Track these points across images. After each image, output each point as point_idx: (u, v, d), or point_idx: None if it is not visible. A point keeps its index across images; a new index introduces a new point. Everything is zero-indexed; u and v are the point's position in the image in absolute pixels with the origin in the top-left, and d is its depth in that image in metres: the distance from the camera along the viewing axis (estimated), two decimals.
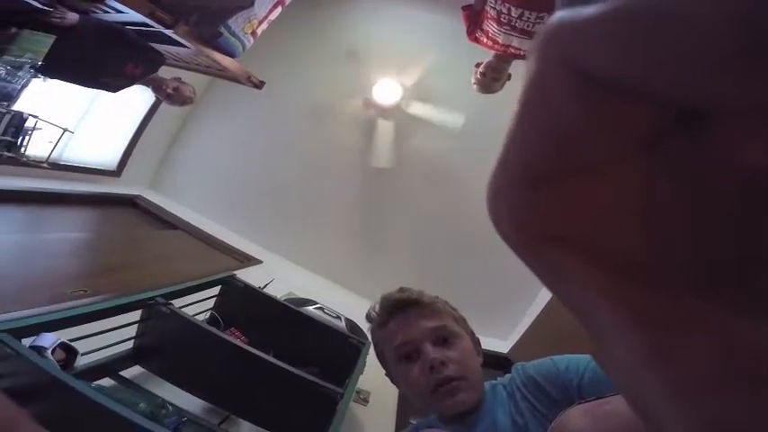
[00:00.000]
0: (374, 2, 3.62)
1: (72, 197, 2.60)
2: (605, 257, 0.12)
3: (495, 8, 1.69)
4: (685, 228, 0.11)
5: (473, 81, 2.06)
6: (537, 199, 0.12)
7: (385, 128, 3.59)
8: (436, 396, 0.74)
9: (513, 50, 1.82)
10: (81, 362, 1.10)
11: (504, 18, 1.69)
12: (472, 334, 0.86)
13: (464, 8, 1.93)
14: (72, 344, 1.09)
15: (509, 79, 2.03)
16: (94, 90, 2.23)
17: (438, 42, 3.38)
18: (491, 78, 1.98)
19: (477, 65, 2.02)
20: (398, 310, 0.81)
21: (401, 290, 0.85)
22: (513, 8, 1.64)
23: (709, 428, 0.10)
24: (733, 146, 0.10)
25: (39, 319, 1.06)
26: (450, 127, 3.43)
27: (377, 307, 0.85)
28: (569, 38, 0.10)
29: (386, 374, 0.87)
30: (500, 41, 1.81)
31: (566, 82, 0.10)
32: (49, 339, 1.01)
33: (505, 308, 3.13)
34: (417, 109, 3.55)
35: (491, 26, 1.79)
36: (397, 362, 0.79)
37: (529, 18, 1.64)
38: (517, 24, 1.68)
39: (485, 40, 1.90)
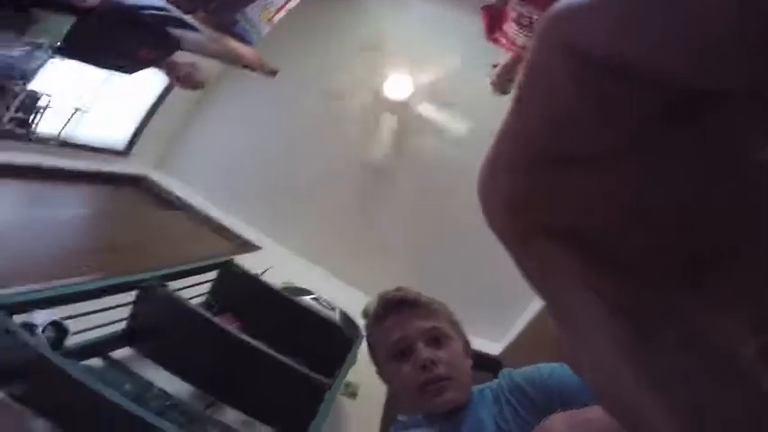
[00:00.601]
0: None
1: (77, 174, 2.62)
2: (595, 249, 0.12)
3: (516, 10, 1.68)
4: (669, 220, 0.11)
5: (489, 82, 2.05)
6: (533, 185, 0.12)
7: (388, 122, 3.57)
8: (424, 394, 0.77)
9: None
10: (73, 341, 1.11)
11: (525, 21, 1.67)
12: (464, 337, 0.89)
13: (485, 8, 1.91)
14: (64, 322, 1.10)
15: None
16: (109, 71, 2.24)
17: (460, 45, 3.32)
18: (506, 80, 1.98)
19: (494, 66, 2.01)
20: (395, 308, 0.84)
21: (399, 289, 0.88)
22: (534, 10, 1.61)
23: (687, 419, 0.10)
24: (732, 137, 0.10)
25: (32, 296, 1.07)
26: (454, 133, 3.42)
27: (374, 304, 0.88)
28: (570, 19, 0.10)
29: (376, 371, 0.89)
30: (519, 43, 1.80)
31: (566, 64, 0.10)
32: (40, 317, 1.03)
33: (501, 310, 3.12)
34: (425, 109, 3.52)
35: (511, 27, 1.77)
36: (390, 359, 0.82)
37: None
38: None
39: (504, 41, 1.88)
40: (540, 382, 0.75)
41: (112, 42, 1.93)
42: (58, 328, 1.08)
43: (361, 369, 1.66)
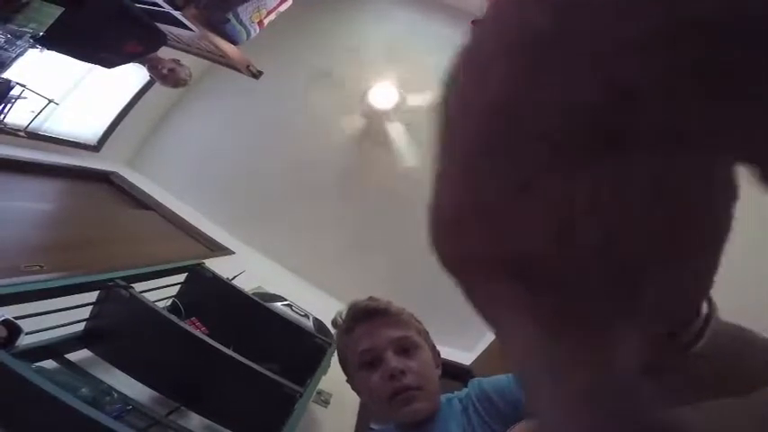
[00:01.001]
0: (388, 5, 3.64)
1: (44, 168, 2.50)
2: (533, 276, 0.12)
3: None
4: (594, 242, 0.11)
5: None
6: (477, 227, 0.12)
7: (396, 130, 3.57)
8: (393, 404, 0.77)
9: None
10: (25, 341, 1.04)
11: None
12: (433, 347, 0.90)
13: (473, 22, 1.95)
14: (17, 321, 1.03)
15: None
16: (89, 64, 2.17)
17: (421, 42, 3.37)
18: None
19: None
20: (365, 317, 0.84)
21: (370, 299, 0.88)
22: None
23: None
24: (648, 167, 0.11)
25: None
26: (403, 161, 3.46)
27: (344, 313, 0.89)
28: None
29: (347, 380, 0.89)
30: None
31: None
32: None
33: (473, 321, 3.11)
34: (393, 128, 3.54)
35: None
36: (359, 368, 0.82)
37: None
38: None
39: None
40: (508, 392, 0.75)
41: (99, 34, 1.88)
42: (11, 328, 1.01)
43: (335, 377, 1.63)
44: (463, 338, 3.04)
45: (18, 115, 2.40)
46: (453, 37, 3.34)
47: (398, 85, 3.51)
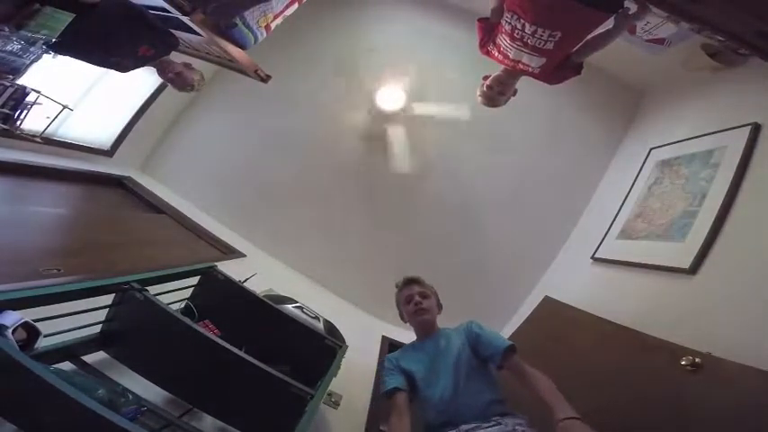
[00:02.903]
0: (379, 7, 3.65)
1: (59, 173, 2.56)
2: None
3: (509, 23, 1.70)
4: None
5: (478, 93, 2.05)
6: None
7: (396, 134, 3.59)
8: (414, 315, 1.77)
9: (521, 66, 1.82)
10: (43, 343, 1.07)
11: (518, 34, 1.69)
12: (438, 301, 1.86)
13: (480, 20, 1.93)
14: (36, 324, 1.06)
15: (515, 95, 2.04)
16: (102, 69, 2.20)
17: (451, 55, 3.39)
18: (497, 92, 1.98)
19: (485, 78, 2.02)
20: (409, 282, 1.86)
21: (411, 276, 1.89)
22: (527, 24, 1.64)
23: None
24: None
25: (4, 296, 1.03)
26: (459, 120, 3.43)
27: (399, 282, 1.88)
28: None
29: (398, 314, 1.88)
30: (510, 56, 1.81)
31: None
32: (11, 318, 0.98)
33: (489, 316, 3.12)
34: (421, 109, 3.54)
35: (504, 40, 1.79)
36: (404, 304, 1.82)
37: (542, 36, 1.64)
38: (529, 41, 1.68)
39: (496, 53, 1.90)
40: (488, 340, 1.62)
41: (112, 39, 1.91)
42: (30, 330, 1.03)
43: (345, 379, 1.63)
44: None
45: (34, 121, 2.46)
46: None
47: (406, 90, 3.52)
